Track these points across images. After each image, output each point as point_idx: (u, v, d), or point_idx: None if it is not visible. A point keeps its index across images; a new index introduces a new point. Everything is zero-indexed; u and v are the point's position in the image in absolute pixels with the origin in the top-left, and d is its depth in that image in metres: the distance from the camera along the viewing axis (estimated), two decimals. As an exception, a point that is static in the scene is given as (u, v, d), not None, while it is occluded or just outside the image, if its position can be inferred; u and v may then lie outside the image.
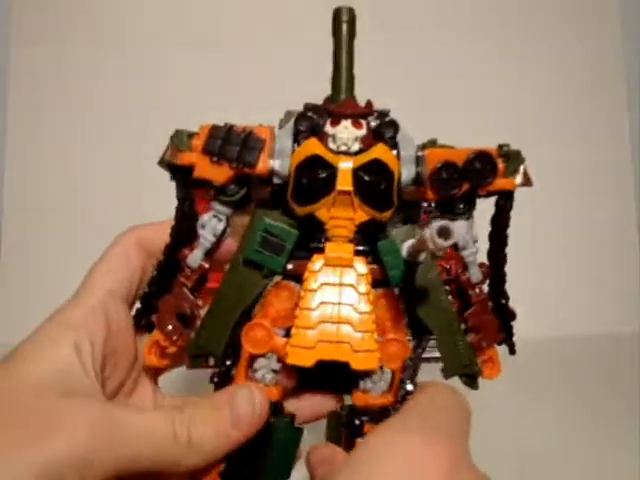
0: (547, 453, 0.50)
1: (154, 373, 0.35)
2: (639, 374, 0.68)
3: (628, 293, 0.93)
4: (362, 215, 0.30)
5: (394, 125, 0.31)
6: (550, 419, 0.58)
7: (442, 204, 0.33)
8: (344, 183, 0.29)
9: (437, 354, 0.33)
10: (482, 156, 0.31)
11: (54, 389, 0.29)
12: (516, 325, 0.85)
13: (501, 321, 0.34)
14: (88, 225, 0.77)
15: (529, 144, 0.98)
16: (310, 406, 0.35)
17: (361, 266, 0.31)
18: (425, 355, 0.33)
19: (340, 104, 0.32)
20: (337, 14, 0.33)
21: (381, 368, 0.32)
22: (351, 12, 0.33)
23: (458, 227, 0.27)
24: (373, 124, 0.31)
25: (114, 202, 0.77)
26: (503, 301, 0.34)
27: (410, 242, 0.28)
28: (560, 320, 0.89)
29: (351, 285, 0.31)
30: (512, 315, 0.35)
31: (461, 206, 0.33)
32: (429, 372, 0.34)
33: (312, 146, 0.30)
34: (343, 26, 0.32)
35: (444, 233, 0.25)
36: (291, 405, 0.34)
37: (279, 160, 0.31)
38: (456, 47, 0.94)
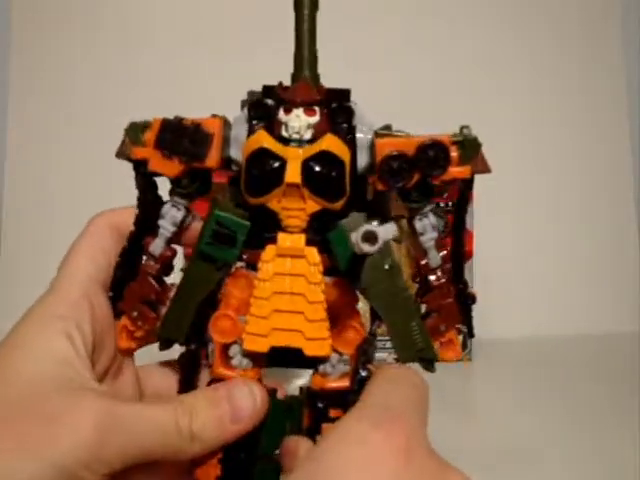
0: (547, 453, 0.50)
1: (129, 353, 0.36)
2: (639, 374, 0.68)
3: (628, 293, 0.93)
4: (313, 205, 0.30)
5: (348, 111, 0.31)
6: (550, 418, 0.58)
7: (398, 193, 0.32)
8: (292, 176, 0.30)
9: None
10: (434, 145, 0.30)
11: (53, 382, 0.29)
12: (517, 325, 0.86)
13: (460, 304, 0.34)
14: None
15: (528, 144, 0.99)
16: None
17: (313, 256, 0.31)
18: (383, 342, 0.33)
19: (292, 90, 0.31)
20: None
21: (340, 354, 0.32)
22: None
23: (386, 230, 0.26)
24: (330, 107, 0.31)
25: (115, 201, 0.77)
26: (461, 285, 0.34)
27: (355, 233, 0.28)
28: (560, 320, 0.89)
29: (303, 275, 0.31)
30: (472, 298, 0.34)
31: (415, 195, 0.32)
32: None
33: (260, 138, 0.30)
34: None
35: (370, 238, 0.25)
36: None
37: (235, 148, 0.32)
38: (455, 43, 0.94)
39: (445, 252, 0.33)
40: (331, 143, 0.30)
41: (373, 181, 0.31)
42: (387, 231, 0.28)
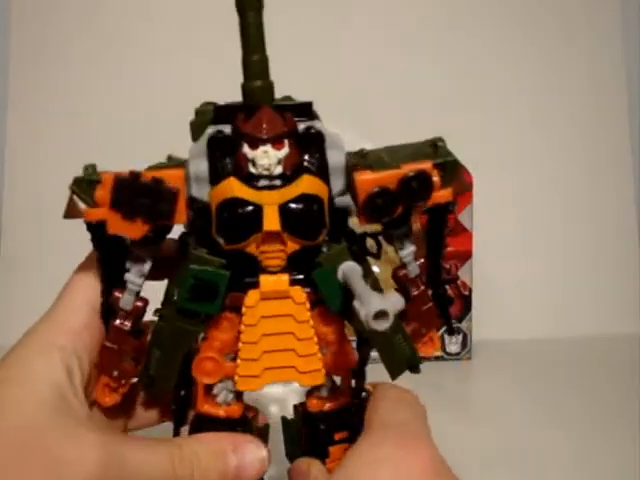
0: (547, 453, 0.50)
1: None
2: (639, 375, 0.68)
3: (629, 294, 0.93)
4: (293, 246, 0.29)
5: (319, 138, 0.29)
6: (549, 419, 0.58)
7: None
8: (270, 223, 0.28)
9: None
10: (417, 177, 0.29)
11: (53, 415, 0.28)
12: (516, 325, 0.86)
13: (439, 306, 0.33)
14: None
15: (527, 144, 0.99)
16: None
17: (298, 295, 0.30)
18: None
19: (256, 121, 0.28)
20: None
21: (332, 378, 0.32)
22: None
23: (395, 303, 0.26)
24: (297, 134, 0.29)
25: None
26: (441, 290, 0.33)
27: (343, 267, 0.28)
28: (560, 321, 0.89)
29: (290, 315, 0.30)
30: (450, 300, 0.34)
31: (397, 222, 0.31)
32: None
33: (231, 187, 0.28)
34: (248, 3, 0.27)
35: (380, 316, 0.23)
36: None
37: (196, 186, 0.29)
38: (454, 44, 0.94)
39: (422, 261, 0.33)
40: (309, 184, 0.28)
41: (358, 217, 0.30)
42: (395, 304, 0.26)
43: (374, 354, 0.33)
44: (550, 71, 0.95)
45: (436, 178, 0.30)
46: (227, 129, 0.29)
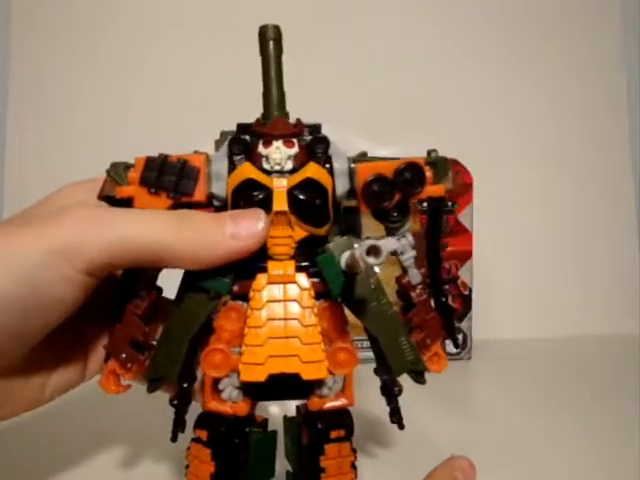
0: (546, 453, 0.50)
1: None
2: (639, 376, 0.68)
3: (628, 295, 0.93)
4: (300, 232, 0.32)
5: (325, 141, 0.33)
6: (549, 418, 0.58)
7: (378, 214, 0.34)
8: (280, 204, 0.31)
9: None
10: (411, 166, 0.32)
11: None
12: (516, 325, 0.86)
13: (443, 318, 0.35)
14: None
15: (527, 144, 0.99)
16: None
17: (303, 281, 0.32)
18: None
19: (270, 125, 0.32)
20: (263, 32, 0.33)
21: (333, 375, 0.33)
22: (277, 29, 0.33)
23: (387, 244, 0.28)
24: (306, 139, 0.33)
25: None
26: (443, 299, 0.35)
27: (347, 254, 0.30)
28: (560, 321, 0.89)
29: (295, 300, 0.32)
30: (452, 311, 0.36)
31: (395, 214, 0.34)
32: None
33: (246, 170, 0.31)
34: (270, 44, 0.33)
35: (373, 252, 0.26)
36: None
37: (216, 183, 0.32)
38: (454, 45, 0.94)
39: (424, 269, 0.35)
40: (315, 171, 0.32)
41: (358, 204, 0.33)
42: (389, 244, 0.29)
43: (365, 354, 0.35)
44: (550, 71, 0.95)
45: (429, 173, 0.33)
46: (247, 137, 0.33)
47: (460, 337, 0.78)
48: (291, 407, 0.37)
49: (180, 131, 0.71)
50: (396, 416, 0.35)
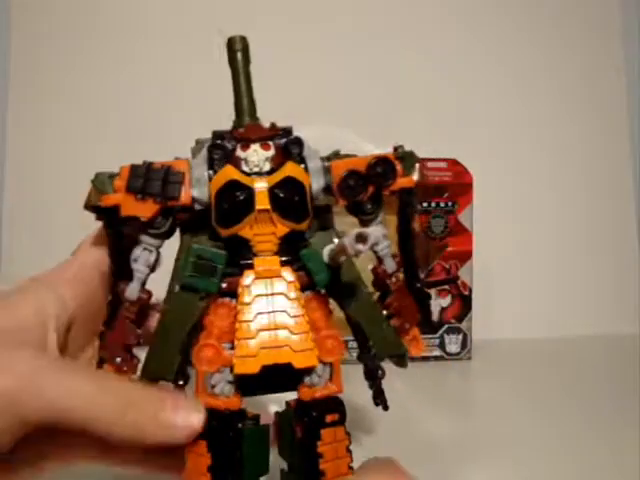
0: (547, 453, 0.50)
1: None
2: (639, 375, 0.68)
3: (629, 294, 0.93)
4: (283, 228, 0.33)
5: (299, 142, 0.35)
6: (549, 418, 0.58)
7: (352, 207, 0.36)
8: (262, 202, 0.33)
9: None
10: (382, 161, 0.35)
11: (8, 334, 0.30)
12: (516, 325, 0.86)
13: (418, 303, 0.37)
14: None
15: (527, 144, 0.99)
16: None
17: (288, 275, 0.34)
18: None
19: (246, 129, 0.35)
20: (230, 43, 0.35)
21: (322, 363, 0.34)
22: (244, 40, 0.35)
23: (374, 231, 0.29)
24: (281, 142, 0.35)
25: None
26: (418, 285, 0.37)
27: (330, 247, 0.32)
28: (559, 321, 0.90)
29: (282, 293, 0.33)
30: (427, 296, 0.38)
31: (369, 207, 0.36)
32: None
33: (229, 172, 0.33)
34: (237, 54, 0.35)
35: (361, 239, 0.28)
36: None
37: (198, 188, 0.34)
38: (454, 45, 0.94)
39: (398, 258, 0.37)
40: (293, 169, 0.34)
41: (334, 199, 0.35)
42: (376, 231, 0.31)
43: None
44: (550, 71, 0.95)
45: (398, 166, 0.35)
46: (225, 143, 0.35)
47: (460, 337, 0.78)
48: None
49: (180, 130, 0.71)
50: (380, 397, 0.37)
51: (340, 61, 0.90)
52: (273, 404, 0.42)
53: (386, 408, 0.37)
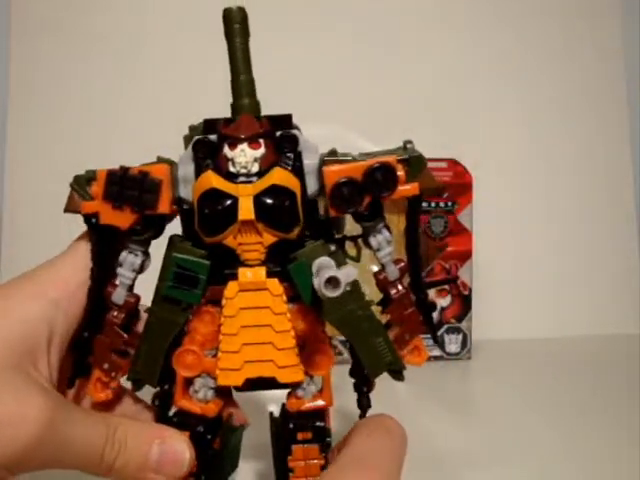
0: (547, 453, 0.50)
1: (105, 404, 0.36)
2: (639, 375, 0.68)
3: (629, 294, 0.93)
4: (270, 238, 0.31)
5: (293, 139, 0.31)
6: (549, 418, 0.58)
7: (350, 213, 0.33)
8: (245, 213, 0.30)
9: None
10: (381, 167, 0.31)
11: (7, 368, 0.29)
12: (516, 325, 0.86)
13: (422, 313, 0.34)
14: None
15: (527, 145, 0.99)
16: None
17: (275, 287, 0.31)
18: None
19: (235, 125, 0.31)
20: (227, 15, 0.31)
21: (311, 376, 0.33)
22: (242, 11, 0.31)
23: (348, 273, 0.26)
24: (275, 137, 0.31)
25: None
26: (422, 295, 0.34)
27: (319, 260, 0.29)
28: (559, 321, 0.89)
29: (267, 307, 0.31)
30: (432, 306, 0.35)
31: (367, 215, 0.33)
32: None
33: (209, 180, 0.30)
34: (235, 27, 0.31)
35: (332, 283, 0.25)
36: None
37: (184, 188, 0.32)
38: (454, 45, 0.94)
39: (402, 264, 0.34)
40: (280, 176, 0.30)
41: (326, 208, 0.32)
42: (348, 275, 0.27)
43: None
44: (551, 72, 0.95)
45: (400, 172, 0.31)
46: (213, 137, 0.32)
47: (460, 337, 0.78)
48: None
49: (180, 130, 0.71)
50: (362, 408, 0.35)
51: (340, 61, 0.90)
52: (270, 403, 0.42)
53: (362, 416, 0.35)
